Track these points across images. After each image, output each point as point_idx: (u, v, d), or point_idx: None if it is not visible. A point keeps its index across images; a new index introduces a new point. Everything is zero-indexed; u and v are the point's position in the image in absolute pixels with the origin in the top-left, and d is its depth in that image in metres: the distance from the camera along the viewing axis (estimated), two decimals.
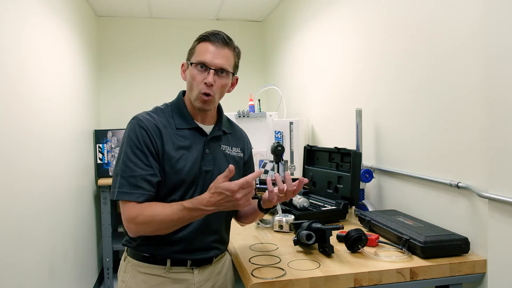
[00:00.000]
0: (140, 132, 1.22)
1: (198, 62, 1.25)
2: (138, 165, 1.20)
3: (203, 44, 1.27)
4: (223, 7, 3.70)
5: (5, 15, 1.76)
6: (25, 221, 1.90)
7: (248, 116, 2.90)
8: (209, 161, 1.30)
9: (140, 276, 1.28)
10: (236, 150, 1.41)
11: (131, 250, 1.31)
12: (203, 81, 1.25)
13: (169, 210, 1.15)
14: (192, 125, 1.31)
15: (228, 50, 1.28)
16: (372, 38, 2.05)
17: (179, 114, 1.31)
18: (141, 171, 1.19)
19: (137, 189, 1.18)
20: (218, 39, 1.26)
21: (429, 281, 1.30)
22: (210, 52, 1.25)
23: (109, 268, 3.42)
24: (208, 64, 1.25)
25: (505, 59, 1.23)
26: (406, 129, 1.77)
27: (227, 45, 1.28)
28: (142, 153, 1.21)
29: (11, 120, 1.78)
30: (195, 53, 1.28)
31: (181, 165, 1.24)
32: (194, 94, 1.27)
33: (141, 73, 3.97)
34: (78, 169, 2.94)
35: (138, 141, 1.22)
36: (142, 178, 1.19)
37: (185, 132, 1.29)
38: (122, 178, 1.20)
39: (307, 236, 1.38)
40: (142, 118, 1.26)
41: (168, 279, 1.27)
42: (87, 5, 3.49)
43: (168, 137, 1.25)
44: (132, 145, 1.22)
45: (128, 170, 1.19)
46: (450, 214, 1.51)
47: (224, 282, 1.39)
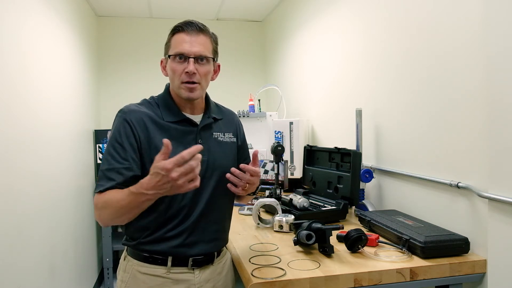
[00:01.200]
0: (122, 125, 1.22)
1: (176, 54, 1.24)
2: (115, 158, 1.20)
3: (178, 35, 1.25)
4: (223, 7, 3.70)
5: (5, 15, 1.76)
6: (25, 221, 1.90)
7: (248, 116, 2.90)
8: (203, 151, 1.25)
9: (140, 277, 1.27)
10: (229, 135, 1.39)
11: (131, 249, 1.30)
12: (184, 71, 1.23)
13: (119, 195, 1.14)
14: (180, 117, 1.29)
15: (204, 37, 1.26)
16: (372, 38, 2.05)
17: (166, 107, 1.30)
18: (116, 164, 1.19)
19: (109, 181, 1.18)
20: (192, 27, 1.24)
21: (429, 281, 1.30)
22: (186, 42, 1.23)
23: (109, 268, 3.42)
24: (187, 53, 1.23)
25: (505, 59, 1.23)
26: (406, 129, 1.77)
27: (202, 31, 1.26)
28: (120, 146, 1.21)
29: (11, 120, 1.78)
30: (171, 46, 1.26)
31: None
32: (176, 85, 1.26)
33: (141, 73, 3.97)
34: (78, 169, 2.94)
35: (119, 134, 1.22)
36: (116, 171, 1.19)
37: (174, 124, 1.28)
38: (100, 171, 1.22)
39: (307, 236, 1.38)
40: (127, 110, 1.25)
41: (168, 280, 1.26)
42: (87, 5, 3.49)
43: (156, 129, 1.25)
44: (112, 139, 1.22)
45: (106, 163, 1.21)
46: (450, 214, 1.51)
47: (224, 282, 1.38)
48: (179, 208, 1.25)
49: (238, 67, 4.16)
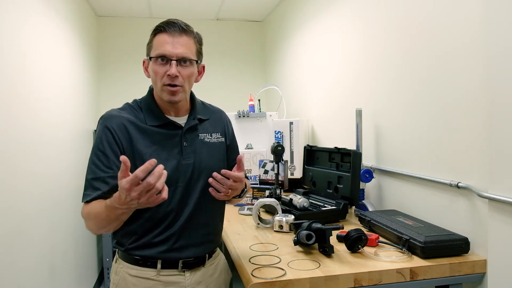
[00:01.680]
0: (104, 133, 1.20)
1: (157, 56, 1.19)
2: (99, 167, 1.18)
3: (160, 35, 1.20)
4: (223, 7, 3.70)
5: (5, 15, 1.76)
6: (25, 221, 1.90)
7: (248, 116, 2.90)
8: (188, 153, 1.26)
9: (130, 279, 1.25)
10: (216, 136, 1.36)
11: (122, 252, 1.29)
12: (166, 73, 1.19)
13: (99, 207, 1.13)
14: (163, 120, 1.26)
15: (187, 38, 1.21)
16: (372, 38, 2.05)
17: (148, 110, 1.27)
18: (101, 173, 1.18)
19: (94, 191, 1.17)
20: (174, 28, 1.19)
21: (429, 281, 1.30)
22: (168, 43, 1.18)
23: (109, 268, 3.42)
24: (168, 55, 1.18)
25: (505, 59, 1.23)
26: (406, 129, 1.77)
27: (185, 32, 1.21)
28: (103, 154, 1.19)
29: (11, 120, 1.78)
30: (153, 47, 1.22)
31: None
32: (158, 88, 1.22)
33: (141, 73, 3.88)
34: (78, 169, 2.94)
35: (101, 142, 1.20)
36: (102, 180, 1.17)
37: (158, 128, 1.25)
38: (86, 181, 1.20)
39: (307, 236, 1.38)
40: (107, 116, 1.23)
41: (159, 282, 1.24)
42: (87, 5, 3.49)
43: (138, 134, 1.22)
44: (95, 147, 1.21)
45: (90, 172, 1.20)
46: (450, 214, 1.51)
47: (217, 284, 1.35)
48: (166, 213, 1.23)
49: (238, 67, 4.16)
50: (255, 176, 2.64)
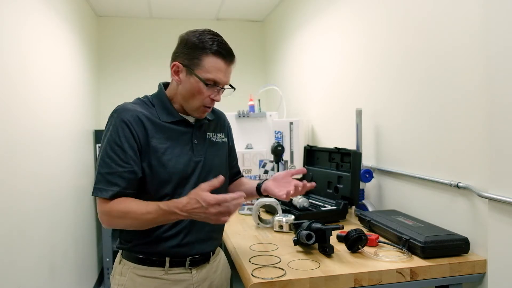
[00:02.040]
0: (121, 126, 1.19)
1: (210, 80, 1.21)
2: (116, 162, 1.17)
3: (215, 59, 1.21)
4: (223, 7, 3.70)
5: (5, 15, 1.76)
6: (25, 221, 1.90)
7: (248, 116, 2.90)
8: (199, 151, 1.29)
9: (138, 280, 1.25)
10: (221, 136, 1.40)
11: (126, 252, 1.29)
12: (210, 97, 1.23)
13: (144, 209, 1.14)
14: (177, 117, 1.28)
15: (233, 66, 1.27)
16: (372, 38, 2.05)
17: (162, 107, 1.28)
18: (118, 168, 1.17)
19: (112, 186, 1.17)
20: (231, 58, 1.24)
21: (429, 281, 1.30)
22: (222, 71, 1.22)
23: (109, 268, 3.42)
24: (220, 83, 1.23)
25: (505, 59, 1.23)
26: (406, 129, 1.77)
27: (234, 60, 1.26)
28: (120, 149, 1.18)
29: (11, 120, 1.78)
30: (203, 66, 1.21)
31: (167, 157, 1.22)
32: (195, 105, 1.25)
33: (141, 73, 3.97)
34: (78, 169, 2.94)
35: (118, 136, 1.19)
36: (118, 175, 1.17)
37: (171, 124, 1.27)
38: (99, 174, 1.19)
39: (307, 236, 1.38)
40: (123, 110, 1.22)
41: (167, 281, 1.25)
42: (87, 5, 3.49)
43: (153, 129, 1.23)
44: (110, 140, 1.19)
45: (105, 166, 1.18)
46: (450, 214, 1.51)
47: (220, 280, 1.38)
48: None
49: (238, 67, 4.08)
50: (255, 176, 2.64)
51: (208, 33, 1.23)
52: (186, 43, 1.24)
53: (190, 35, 1.24)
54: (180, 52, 1.25)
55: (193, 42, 1.22)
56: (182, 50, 1.24)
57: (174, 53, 1.27)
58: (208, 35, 1.22)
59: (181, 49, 1.24)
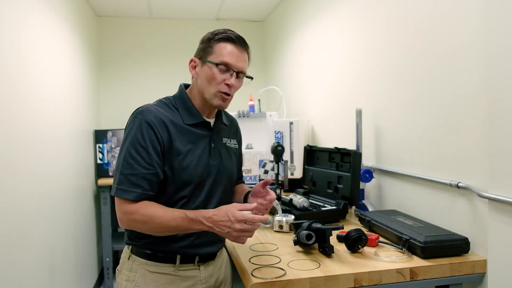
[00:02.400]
0: (146, 128, 1.19)
1: (221, 63, 1.23)
2: (140, 163, 1.18)
3: (226, 44, 1.24)
4: (223, 7, 3.70)
5: (5, 15, 1.76)
6: (25, 221, 1.90)
7: (248, 116, 2.90)
8: (216, 155, 1.32)
9: (149, 275, 1.27)
10: (234, 142, 1.43)
11: (137, 248, 1.30)
12: (224, 82, 1.24)
13: (170, 215, 1.15)
14: (199, 119, 1.30)
15: (247, 54, 1.29)
16: (372, 38, 2.05)
17: (185, 108, 1.29)
18: (142, 170, 1.18)
19: (136, 188, 1.17)
20: (241, 43, 1.26)
21: (429, 281, 1.30)
22: (233, 54, 1.24)
23: (109, 268, 3.42)
24: (232, 66, 1.24)
25: (505, 59, 1.23)
26: (406, 129, 1.77)
27: (247, 47, 1.29)
28: (145, 151, 1.18)
29: (11, 120, 1.78)
30: (215, 53, 1.24)
31: (188, 161, 1.24)
32: (211, 92, 1.25)
33: (141, 73, 3.97)
34: (78, 169, 2.94)
35: (143, 137, 1.19)
36: (142, 177, 1.18)
37: (192, 127, 1.28)
38: (121, 175, 1.18)
39: (307, 236, 1.38)
40: (148, 112, 1.22)
41: (177, 277, 1.28)
42: (87, 5, 3.49)
43: (176, 132, 1.24)
44: (135, 141, 1.19)
45: (128, 167, 1.18)
46: (450, 214, 1.51)
47: (225, 276, 1.43)
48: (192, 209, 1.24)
49: None
50: (255, 176, 2.64)
51: (221, 29, 1.28)
52: (202, 40, 1.30)
53: (206, 34, 1.30)
54: (197, 49, 1.31)
55: (207, 37, 1.28)
56: (199, 47, 1.30)
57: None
58: (222, 29, 1.27)
59: (198, 47, 1.30)
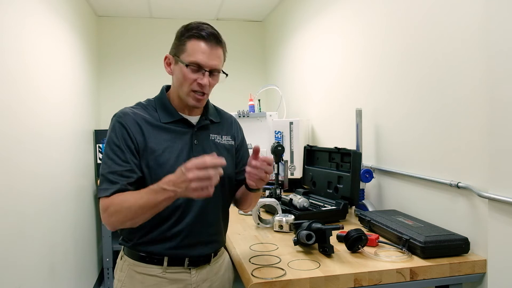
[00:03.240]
0: (119, 128, 1.22)
1: (192, 63, 1.21)
2: (115, 161, 1.19)
3: (196, 42, 1.21)
4: (223, 7, 3.70)
5: (5, 15, 1.76)
6: (25, 221, 1.90)
7: (248, 116, 2.90)
8: (199, 151, 1.27)
9: (136, 276, 1.26)
10: (227, 138, 1.39)
11: (128, 249, 1.30)
12: (196, 81, 1.23)
13: (136, 195, 1.14)
14: (176, 117, 1.29)
15: (221, 49, 1.25)
16: (372, 38, 2.05)
17: (163, 108, 1.29)
18: (117, 167, 1.19)
19: (113, 185, 1.18)
20: (212, 39, 1.22)
21: (429, 281, 1.30)
22: (204, 53, 1.21)
23: (109, 268, 3.42)
24: (203, 65, 1.21)
25: (505, 59, 1.23)
26: (406, 129, 1.77)
27: (220, 44, 1.24)
28: (119, 149, 1.20)
29: (11, 120, 1.78)
30: (186, 51, 1.22)
31: (165, 158, 1.23)
32: (184, 91, 1.24)
33: (141, 73, 3.97)
34: (78, 169, 2.94)
35: (116, 137, 1.22)
36: (119, 174, 1.18)
37: (170, 125, 1.27)
38: (101, 176, 1.21)
39: (307, 236, 1.38)
40: (122, 114, 1.25)
41: (165, 280, 1.26)
42: (87, 5, 3.49)
43: (151, 130, 1.24)
44: (110, 142, 1.22)
45: (106, 167, 1.20)
46: (450, 214, 1.51)
47: (221, 282, 1.37)
48: (174, 208, 1.23)
49: (238, 67, 4.16)
50: None
51: (194, 23, 1.24)
52: (176, 35, 1.27)
53: (180, 28, 1.26)
54: (172, 45, 1.28)
55: (180, 32, 1.25)
56: (173, 42, 1.27)
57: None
58: (195, 24, 1.24)
59: (173, 42, 1.27)
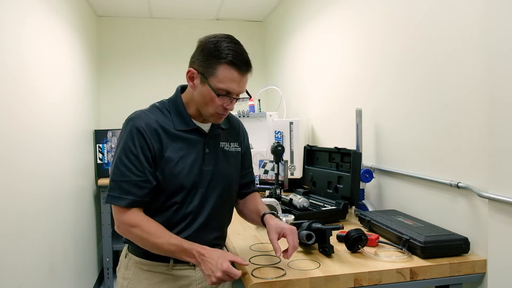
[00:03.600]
0: (136, 135, 1.20)
1: (223, 90, 1.19)
2: (131, 170, 1.18)
3: (229, 69, 1.18)
4: (223, 7, 3.70)
5: (5, 15, 1.76)
6: (25, 221, 1.90)
7: (248, 116, 2.90)
8: (210, 160, 1.29)
9: (142, 274, 1.28)
10: (234, 145, 1.39)
11: (133, 247, 1.31)
12: (223, 105, 1.22)
13: (166, 240, 1.17)
14: (191, 126, 1.28)
15: (249, 74, 1.23)
16: (372, 38, 2.05)
17: (178, 114, 1.28)
18: (133, 177, 1.18)
19: (128, 195, 1.18)
20: (245, 68, 1.20)
21: (429, 281, 1.30)
22: (235, 81, 1.19)
23: (109, 268, 3.42)
24: (233, 94, 1.21)
25: (505, 59, 1.22)
26: (406, 129, 1.77)
27: (250, 69, 1.22)
28: (136, 158, 1.19)
29: (11, 120, 1.78)
30: (216, 76, 1.18)
31: (180, 167, 1.23)
32: (209, 111, 1.23)
33: (141, 73, 3.97)
34: (78, 169, 2.94)
35: (134, 145, 1.19)
36: (134, 184, 1.18)
37: (184, 133, 1.26)
38: (113, 182, 1.20)
39: (307, 236, 1.38)
40: (139, 119, 1.22)
41: (170, 276, 1.28)
42: (87, 5, 3.49)
43: (167, 139, 1.23)
44: (126, 149, 1.19)
45: (120, 174, 1.19)
46: (450, 214, 1.51)
47: None
48: (185, 215, 1.26)
49: None
50: (255, 176, 2.64)
51: (226, 41, 1.20)
52: (202, 49, 1.21)
53: (207, 41, 1.21)
54: (197, 58, 1.22)
55: (209, 49, 1.19)
56: (198, 56, 1.22)
57: (191, 58, 1.25)
58: (225, 43, 1.19)
59: (198, 55, 1.22)
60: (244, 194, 1.48)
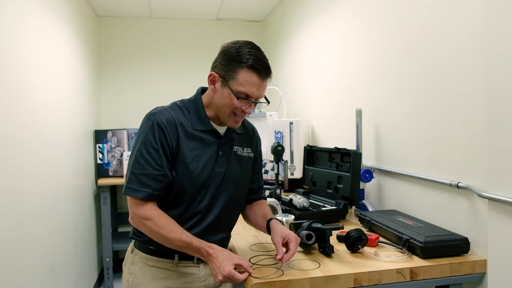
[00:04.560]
0: (157, 130, 1.23)
1: (243, 93, 1.22)
2: (150, 164, 1.22)
3: (250, 73, 1.21)
4: (223, 7, 3.70)
5: (5, 15, 1.76)
6: (25, 221, 1.90)
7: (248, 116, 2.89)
8: (223, 162, 1.32)
9: (148, 269, 1.31)
10: (247, 150, 1.42)
11: (139, 243, 1.33)
12: (241, 108, 1.25)
13: (177, 235, 1.20)
14: (208, 127, 1.31)
15: (268, 79, 1.26)
16: (372, 38, 2.05)
17: (196, 114, 1.31)
18: (152, 170, 1.21)
19: (145, 187, 1.21)
20: (265, 73, 1.23)
21: (429, 281, 1.30)
22: (255, 85, 1.22)
23: (109, 268, 3.42)
24: (253, 97, 1.24)
25: (505, 59, 1.23)
26: (406, 129, 1.77)
27: (269, 75, 1.26)
28: (156, 152, 1.22)
29: (11, 120, 1.78)
30: (237, 80, 1.22)
31: (193, 166, 1.26)
32: (227, 114, 1.26)
33: (141, 73, 3.97)
34: (78, 169, 2.94)
35: (154, 139, 1.22)
36: (152, 178, 1.21)
37: (201, 133, 1.30)
38: (132, 174, 1.23)
39: (307, 236, 1.38)
40: (161, 115, 1.26)
41: (175, 273, 1.31)
42: (87, 5, 3.49)
43: (184, 136, 1.26)
44: (147, 143, 1.23)
45: (139, 167, 1.22)
46: (450, 214, 1.51)
47: None
48: (194, 213, 1.28)
49: None
50: None
51: (247, 46, 1.23)
52: (225, 54, 1.25)
53: (230, 46, 1.25)
54: (219, 62, 1.26)
55: (231, 54, 1.23)
56: (221, 60, 1.26)
57: (213, 62, 1.29)
58: (247, 48, 1.23)
59: (220, 60, 1.26)
60: (251, 199, 1.50)
